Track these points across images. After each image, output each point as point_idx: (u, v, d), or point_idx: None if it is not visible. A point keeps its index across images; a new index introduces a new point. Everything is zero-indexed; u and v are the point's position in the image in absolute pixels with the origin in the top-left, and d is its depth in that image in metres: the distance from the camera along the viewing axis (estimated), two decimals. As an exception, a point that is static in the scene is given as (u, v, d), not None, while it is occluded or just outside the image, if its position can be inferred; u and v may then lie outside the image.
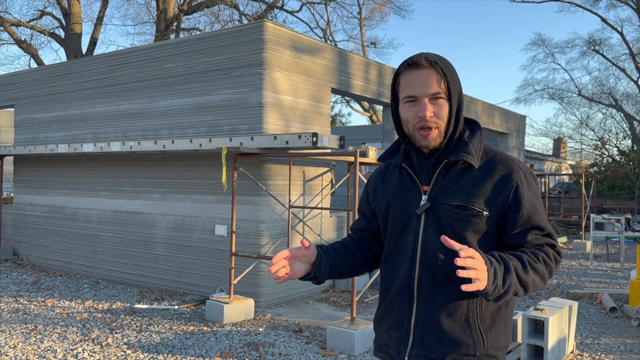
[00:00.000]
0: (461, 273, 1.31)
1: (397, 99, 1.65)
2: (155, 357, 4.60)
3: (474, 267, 1.32)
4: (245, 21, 20.72)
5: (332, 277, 1.75)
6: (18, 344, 4.87)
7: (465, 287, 1.32)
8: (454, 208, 1.56)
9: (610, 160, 21.70)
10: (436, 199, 1.59)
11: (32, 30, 19.29)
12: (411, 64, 1.57)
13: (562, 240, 13.18)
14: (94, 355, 4.63)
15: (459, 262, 1.31)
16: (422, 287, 1.58)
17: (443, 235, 1.40)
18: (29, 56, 19.29)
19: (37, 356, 4.57)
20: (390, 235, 1.70)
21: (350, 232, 1.93)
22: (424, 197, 1.61)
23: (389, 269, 1.70)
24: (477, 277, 1.33)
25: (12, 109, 13.78)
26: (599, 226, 9.60)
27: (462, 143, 1.60)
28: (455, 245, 1.36)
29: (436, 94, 1.55)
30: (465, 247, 1.35)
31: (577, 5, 27.51)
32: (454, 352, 1.55)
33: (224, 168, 5.69)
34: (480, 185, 1.56)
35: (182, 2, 19.77)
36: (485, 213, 1.54)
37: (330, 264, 1.71)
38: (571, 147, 31.54)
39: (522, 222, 1.55)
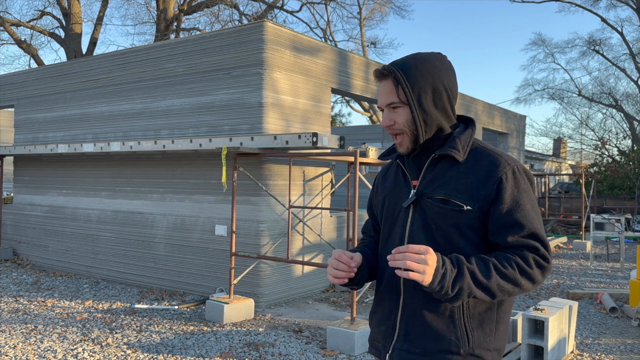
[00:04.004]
0: (391, 263, 1.42)
1: None
2: (155, 357, 4.60)
3: (412, 260, 1.39)
4: (245, 21, 20.72)
5: (368, 280, 1.76)
6: (18, 344, 4.87)
7: (398, 272, 1.41)
8: (437, 202, 1.57)
9: (610, 160, 21.70)
10: (422, 192, 1.61)
11: (32, 30, 19.28)
12: (377, 75, 1.62)
13: (562, 240, 13.15)
14: (94, 355, 4.63)
15: (388, 256, 1.43)
16: (407, 281, 1.59)
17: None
18: (29, 56, 19.28)
19: (37, 356, 4.57)
20: (383, 230, 1.73)
21: (362, 234, 1.94)
22: (413, 192, 1.63)
23: (381, 264, 1.73)
24: (413, 268, 1.39)
25: (12, 109, 13.78)
26: (599, 226, 9.60)
27: (450, 138, 1.62)
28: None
29: (390, 104, 1.59)
30: (411, 245, 1.42)
31: (577, 5, 27.52)
32: (435, 347, 1.54)
33: (224, 168, 5.69)
34: (465, 179, 1.55)
35: (182, 2, 19.77)
36: (467, 208, 1.52)
37: (367, 264, 1.74)
38: (571, 147, 31.59)
39: (503, 220, 1.51)
